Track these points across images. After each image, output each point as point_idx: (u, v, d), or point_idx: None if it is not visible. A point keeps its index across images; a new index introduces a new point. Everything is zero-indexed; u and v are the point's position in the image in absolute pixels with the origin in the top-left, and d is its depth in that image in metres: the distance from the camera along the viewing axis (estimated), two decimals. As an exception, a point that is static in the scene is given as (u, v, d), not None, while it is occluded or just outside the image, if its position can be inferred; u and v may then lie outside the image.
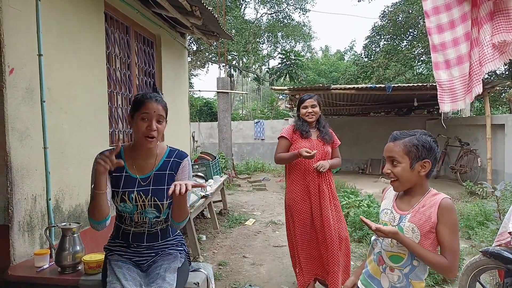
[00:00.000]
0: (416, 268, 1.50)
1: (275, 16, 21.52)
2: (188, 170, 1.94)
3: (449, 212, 1.45)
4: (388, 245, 1.55)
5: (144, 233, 1.90)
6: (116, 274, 1.77)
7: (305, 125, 3.16)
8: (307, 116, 3.14)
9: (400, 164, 1.51)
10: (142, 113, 1.78)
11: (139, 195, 1.83)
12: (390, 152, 1.54)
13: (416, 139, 1.51)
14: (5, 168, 2.34)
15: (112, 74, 3.92)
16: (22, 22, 2.48)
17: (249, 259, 4.22)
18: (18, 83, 2.44)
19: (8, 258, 2.36)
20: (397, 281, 1.52)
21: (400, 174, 1.51)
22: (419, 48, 15.70)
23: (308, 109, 3.14)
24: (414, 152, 1.50)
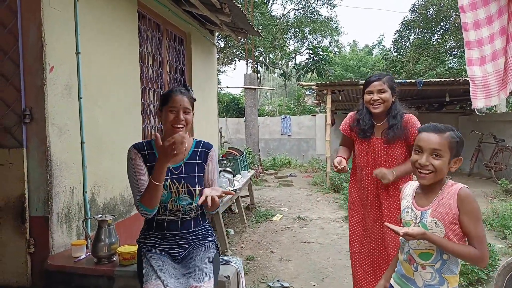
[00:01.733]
0: (447, 262, 1.48)
1: (302, 12, 21.31)
2: (215, 159, 2.08)
3: (468, 201, 1.45)
4: (415, 243, 1.53)
5: (178, 221, 1.97)
6: (152, 266, 1.82)
7: (366, 119, 2.44)
8: (372, 105, 2.39)
9: (442, 158, 1.48)
10: (170, 106, 1.90)
11: (173, 182, 1.93)
12: (434, 144, 1.48)
13: (456, 135, 1.50)
14: (46, 162, 2.45)
15: (144, 71, 4.01)
16: (61, 21, 2.58)
17: (277, 255, 4.24)
18: (58, 80, 2.55)
19: (48, 248, 2.48)
20: (430, 278, 1.50)
21: (440, 167, 1.48)
22: (451, 42, 15.15)
23: (374, 95, 2.37)
24: (455, 147, 1.49)
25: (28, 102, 2.44)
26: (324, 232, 5.19)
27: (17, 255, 2.47)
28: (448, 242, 1.43)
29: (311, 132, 14.32)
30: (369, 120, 2.44)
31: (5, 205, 2.47)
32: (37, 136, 2.45)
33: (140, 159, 1.94)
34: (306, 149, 14.35)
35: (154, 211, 1.87)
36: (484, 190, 7.92)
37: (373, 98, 2.37)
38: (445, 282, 1.49)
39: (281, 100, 25.82)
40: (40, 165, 2.45)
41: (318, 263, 3.99)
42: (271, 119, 15.43)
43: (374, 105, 2.38)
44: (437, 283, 1.49)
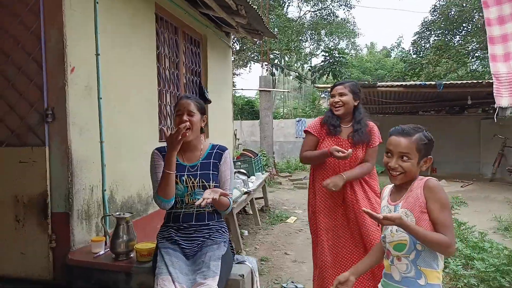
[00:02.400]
0: (422, 253, 1.49)
1: (319, 14, 21.23)
2: (229, 161, 2.20)
3: (435, 190, 1.49)
4: (389, 235, 1.58)
5: (193, 214, 2.08)
6: (165, 261, 1.92)
7: (335, 119, 2.55)
8: (334, 107, 2.53)
9: (410, 160, 1.53)
10: (176, 111, 2.12)
11: (189, 178, 2.09)
12: (401, 147, 1.54)
13: (424, 136, 1.55)
14: (67, 160, 2.53)
15: (161, 73, 4.09)
16: (81, 23, 2.67)
17: (291, 256, 4.23)
18: (78, 81, 2.63)
19: (68, 244, 2.56)
20: (406, 270, 1.52)
21: (409, 169, 1.54)
22: (474, 44, 14.84)
23: (335, 98, 2.52)
24: (423, 149, 1.54)
25: (50, 101, 2.53)
26: (339, 235, 5.15)
27: (40, 250, 2.55)
28: (420, 228, 1.46)
29: (327, 134, 14.19)
30: (336, 121, 2.56)
31: (28, 201, 2.56)
32: (58, 135, 2.53)
33: (160, 159, 2.10)
34: (321, 151, 14.24)
35: (170, 202, 2.02)
36: (507, 196, 7.67)
37: (335, 100, 2.53)
38: (422, 275, 1.49)
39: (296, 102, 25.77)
40: (61, 163, 2.53)
41: (333, 265, 3.96)
42: (285, 122, 15.42)
43: (335, 107, 2.54)
44: (413, 275, 1.50)
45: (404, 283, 1.52)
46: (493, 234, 4.98)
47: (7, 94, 2.60)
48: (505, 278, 3.18)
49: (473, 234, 4.34)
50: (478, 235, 4.14)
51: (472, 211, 6.33)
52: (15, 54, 2.57)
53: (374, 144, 2.58)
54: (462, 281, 3.21)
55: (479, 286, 3.13)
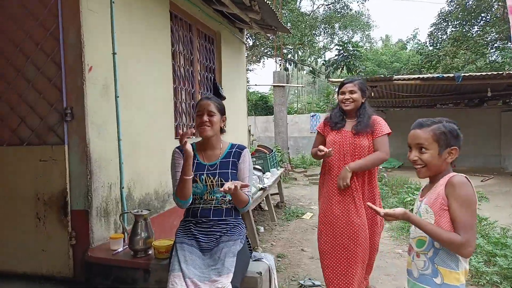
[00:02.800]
0: (440, 252, 1.46)
1: (332, 7, 20.98)
2: (248, 160, 2.23)
3: (457, 187, 1.44)
4: (413, 230, 1.56)
5: (210, 209, 2.12)
6: (178, 256, 1.95)
7: (338, 115, 2.77)
8: (344, 104, 2.73)
9: (429, 150, 1.51)
10: (197, 111, 2.17)
11: (208, 177, 2.13)
12: (418, 139, 1.54)
13: (444, 126, 1.52)
14: (86, 158, 2.57)
15: (176, 70, 4.10)
16: (98, 23, 2.69)
17: (308, 253, 4.21)
18: (96, 80, 2.66)
19: (88, 241, 2.60)
20: (423, 267, 1.50)
21: (428, 160, 1.52)
22: (493, 34, 14.44)
23: (346, 95, 2.71)
24: (443, 139, 1.51)
25: (69, 101, 2.57)
26: (355, 231, 5.11)
27: (61, 247, 2.60)
28: (428, 224, 1.45)
29: (342, 129, 14.08)
30: (340, 115, 2.77)
31: (49, 199, 2.61)
32: (77, 134, 2.57)
33: (181, 157, 2.13)
34: (336, 146, 14.13)
35: (187, 202, 2.08)
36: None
37: (345, 98, 2.72)
38: (438, 274, 1.46)
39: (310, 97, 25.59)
40: (80, 161, 2.57)
41: (350, 261, 3.93)
42: (300, 117, 15.33)
43: (345, 103, 2.72)
44: (430, 273, 1.48)
45: (421, 280, 1.51)
46: (516, 230, 4.88)
47: (28, 95, 2.65)
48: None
49: (494, 230, 4.24)
50: (500, 231, 4.05)
51: (493, 206, 6.19)
52: (34, 55, 2.61)
53: (380, 133, 2.68)
54: (485, 278, 3.15)
55: (502, 283, 3.07)
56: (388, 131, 2.70)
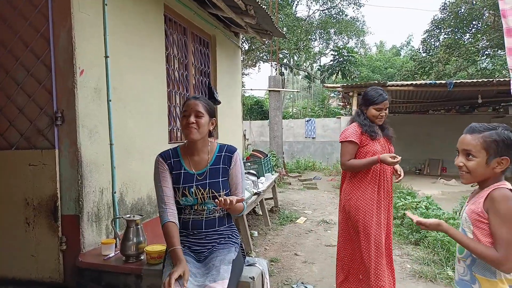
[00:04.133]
0: (477, 261, 1.45)
1: (328, 12, 21.11)
2: (240, 163, 2.10)
3: (497, 202, 1.39)
4: None
5: (202, 220, 2.01)
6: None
7: (372, 126, 2.81)
8: (378, 119, 2.79)
9: (476, 158, 1.45)
10: (183, 111, 2.00)
11: (198, 189, 1.98)
12: (467, 145, 1.48)
13: (497, 134, 1.44)
14: (77, 163, 2.53)
15: (170, 74, 4.08)
16: (90, 26, 2.67)
17: (301, 257, 4.19)
18: (88, 84, 2.63)
19: (79, 246, 2.56)
20: (463, 272, 1.51)
21: (473, 168, 1.46)
22: (484, 41, 14.63)
23: (382, 112, 2.77)
24: (494, 147, 1.42)
25: (60, 104, 2.54)
26: (349, 236, 5.10)
27: (51, 252, 2.56)
28: (465, 237, 1.43)
29: (336, 134, 14.14)
30: (374, 127, 2.81)
31: (38, 204, 2.57)
32: (68, 138, 2.53)
33: (165, 170, 2.00)
34: (330, 151, 14.19)
35: None
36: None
37: (381, 114, 2.78)
38: (476, 282, 1.45)
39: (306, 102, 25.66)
40: (71, 166, 2.53)
41: (343, 267, 3.92)
42: (295, 122, 15.36)
43: (380, 119, 2.80)
44: (469, 280, 1.48)
45: (460, 284, 1.53)
46: None
47: (17, 97, 2.61)
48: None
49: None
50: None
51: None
52: (24, 57, 2.58)
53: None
54: None
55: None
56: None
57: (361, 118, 2.84)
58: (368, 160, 2.71)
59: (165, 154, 2.06)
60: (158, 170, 2.01)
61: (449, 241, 3.82)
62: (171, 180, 2.00)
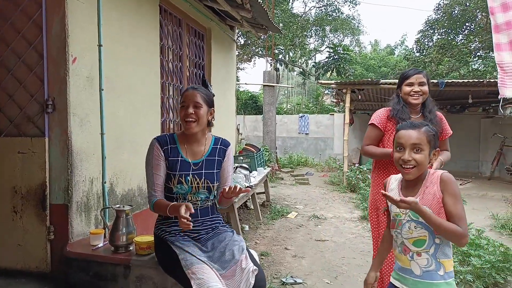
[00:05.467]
0: (440, 246, 1.55)
1: (324, 10, 21.08)
2: (231, 158, 2.19)
3: (450, 183, 1.54)
4: (407, 232, 1.60)
5: (197, 209, 2.04)
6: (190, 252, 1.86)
7: (405, 110, 2.42)
8: (412, 97, 2.39)
9: (423, 151, 1.56)
10: (182, 102, 2.02)
11: (194, 178, 2.01)
12: (415, 139, 1.57)
13: (431, 129, 1.60)
14: (66, 151, 2.51)
15: (165, 65, 4.05)
16: (84, 14, 2.63)
17: (291, 251, 4.22)
18: (80, 72, 2.60)
19: (67, 236, 2.54)
20: (427, 264, 1.56)
21: (422, 161, 1.56)
22: (476, 43, 14.77)
23: (415, 87, 2.38)
24: (433, 140, 1.58)
25: (51, 92, 2.50)
26: (339, 231, 5.14)
27: (38, 242, 2.53)
28: (436, 216, 1.50)
29: (329, 131, 14.20)
30: (406, 113, 2.41)
31: (27, 192, 2.54)
32: (58, 126, 2.50)
33: (160, 157, 2.00)
34: (323, 148, 14.24)
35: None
36: (504, 195, 7.73)
37: (414, 90, 2.39)
38: (441, 267, 1.55)
39: (300, 98, 25.66)
40: (61, 154, 2.51)
41: (332, 261, 3.95)
42: (289, 117, 15.36)
43: (414, 96, 2.40)
44: (434, 268, 1.55)
45: (425, 277, 1.56)
46: (490, 232, 5.03)
47: (7, 84, 2.57)
48: (500, 274, 3.23)
49: (470, 231, 4.35)
50: (475, 232, 4.15)
51: (470, 208, 6.33)
52: (15, 43, 2.53)
53: (448, 133, 2.55)
54: (459, 277, 3.23)
55: (475, 282, 3.16)
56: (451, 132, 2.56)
57: (394, 101, 2.51)
58: (383, 151, 2.42)
59: (162, 139, 2.05)
60: (153, 156, 2.00)
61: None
62: (165, 167, 2.01)
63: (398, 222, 1.63)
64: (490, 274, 3.18)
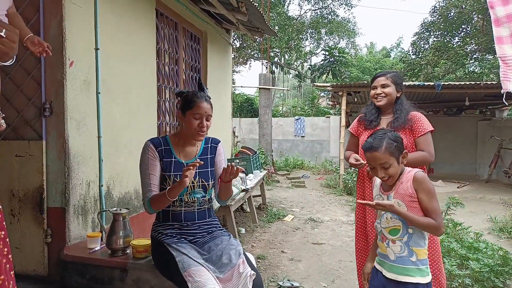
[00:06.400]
0: (413, 235, 1.73)
1: (319, 12, 21.18)
2: (223, 152, 2.25)
3: (423, 182, 1.72)
4: (385, 222, 1.79)
5: (194, 212, 2.07)
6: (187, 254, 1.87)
7: (373, 112, 2.54)
8: (376, 99, 2.50)
9: (392, 165, 1.74)
10: (194, 113, 1.98)
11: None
12: (379, 160, 1.73)
13: (390, 139, 1.74)
14: (64, 155, 2.51)
15: (161, 68, 4.06)
16: (81, 17, 2.64)
17: (288, 255, 4.23)
18: (77, 75, 2.61)
19: (64, 239, 2.54)
20: (400, 251, 1.75)
21: (394, 173, 1.75)
22: (472, 45, 14.87)
23: (377, 89, 2.48)
24: (395, 150, 1.74)
25: (48, 95, 2.51)
26: (335, 234, 5.15)
27: (35, 245, 2.54)
28: (411, 214, 1.70)
29: (325, 133, 14.23)
30: (375, 112, 2.54)
31: (24, 195, 2.54)
32: (56, 129, 2.51)
33: (155, 158, 2.01)
34: (319, 150, 14.28)
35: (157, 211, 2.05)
36: (502, 198, 7.73)
37: (376, 92, 2.49)
38: (414, 254, 1.73)
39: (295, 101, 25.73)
40: (58, 158, 2.51)
41: (329, 264, 3.96)
42: (284, 120, 15.39)
43: (377, 98, 2.50)
44: (407, 254, 1.73)
45: (398, 262, 1.75)
46: (488, 235, 5.03)
47: (5, 87, 2.56)
48: (499, 278, 3.21)
49: (468, 234, 4.36)
50: (473, 235, 4.17)
51: (467, 211, 6.35)
52: (13, 47, 2.54)
53: (422, 131, 2.41)
54: (457, 281, 3.23)
55: (473, 286, 3.15)
56: (431, 128, 2.43)
57: (368, 104, 2.63)
58: (347, 154, 2.55)
59: (155, 141, 2.09)
60: (148, 156, 2.02)
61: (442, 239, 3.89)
62: (160, 168, 2.03)
63: (378, 214, 1.85)
64: (489, 278, 3.17)
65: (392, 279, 1.75)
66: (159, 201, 1.94)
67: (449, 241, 3.85)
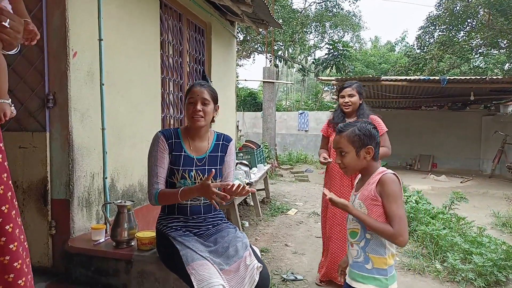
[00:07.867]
0: (371, 242, 1.62)
1: (324, 5, 21.01)
2: (234, 153, 2.20)
3: (387, 184, 1.59)
4: (349, 223, 1.72)
5: (200, 206, 2.05)
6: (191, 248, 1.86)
7: (340, 116, 3.09)
8: (344, 107, 3.05)
9: (348, 153, 1.66)
10: (189, 98, 2.00)
11: (197, 174, 2.02)
12: (337, 143, 1.69)
13: (358, 129, 1.66)
14: (68, 146, 2.50)
15: (165, 60, 4.02)
16: (85, 8, 2.61)
17: (291, 248, 4.22)
18: (81, 66, 2.58)
19: (68, 231, 2.53)
20: (356, 255, 1.66)
21: (347, 163, 1.67)
22: (478, 40, 14.72)
23: (345, 98, 3.03)
24: (357, 141, 1.64)
25: (52, 87, 2.49)
26: (339, 228, 5.14)
27: (40, 236, 2.53)
28: (368, 217, 1.59)
29: (329, 128, 14.17)
30: (342, 116, 3.08)
31: (28, 187, 2.53)
32: (59, 121, 2.49)
33: (165, 150, 1.99)
34: (323, 145, 14.23)
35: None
36: (506, 193, 7.73)
37: (345, 101, 3.04)
38: (369, 261, 1.62)
39: (299, 95, 25.64)
40: (62, 149, 2.50)
41: (333, 258, 3.95)
42: (288, 114, 15.35)
43: (345, 106, 3.05)
44: (362, 260, 1.64)
45: (354, 267, 1.67)
46: (491, 230, 5.04)
47: (8, 78, 2.54)
48: (502, 272, 3.22)
49: (471, 229, 4.35)
50: (476, 230, 4.15)
51: (471, 206, 6.33)
52: (16, 37, 2.51)
53: (381, 131, 2.88)
54: (460, 275, 3.24)
55: (476, 280, 3.16)
56: (386, 129, 3.03)
57: (336, 108, 3.20)
58: (319, 153, 3.10)
59: (166, 132, 2.05)
60: (158, 148, 1.99)
61: (437, 235, 3.88)
62: (168, 161, 2.00)
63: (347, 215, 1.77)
64: (492, 272, 3.18)
65: (347, 283, 1.69)
66: (169, 198, 1.94)
67: (452, 236, 3.84)
